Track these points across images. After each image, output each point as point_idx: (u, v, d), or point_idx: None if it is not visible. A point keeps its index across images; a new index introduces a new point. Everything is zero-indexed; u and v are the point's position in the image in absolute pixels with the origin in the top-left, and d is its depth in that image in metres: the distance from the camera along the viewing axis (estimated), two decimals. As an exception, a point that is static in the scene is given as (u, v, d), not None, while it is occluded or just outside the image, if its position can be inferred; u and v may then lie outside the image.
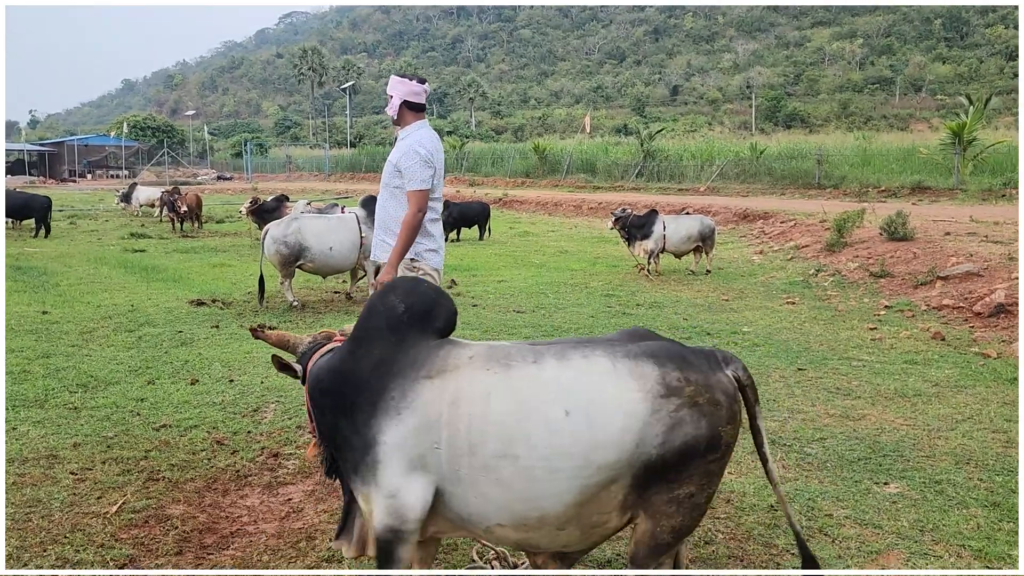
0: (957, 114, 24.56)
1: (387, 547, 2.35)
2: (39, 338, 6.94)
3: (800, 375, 5.97)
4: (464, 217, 16.71)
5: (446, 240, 4.67)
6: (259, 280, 8.52)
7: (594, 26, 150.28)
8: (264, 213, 13.73)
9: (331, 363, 2.55)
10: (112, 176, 59.92)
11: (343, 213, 9.78)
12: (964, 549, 3.27)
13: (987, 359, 6.34)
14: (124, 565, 3.13)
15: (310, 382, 2.60)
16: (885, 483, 3.95)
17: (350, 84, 75.22)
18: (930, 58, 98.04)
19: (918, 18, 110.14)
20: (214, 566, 3.15)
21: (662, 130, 39.90)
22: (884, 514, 3.60)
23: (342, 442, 2.45)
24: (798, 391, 5.55)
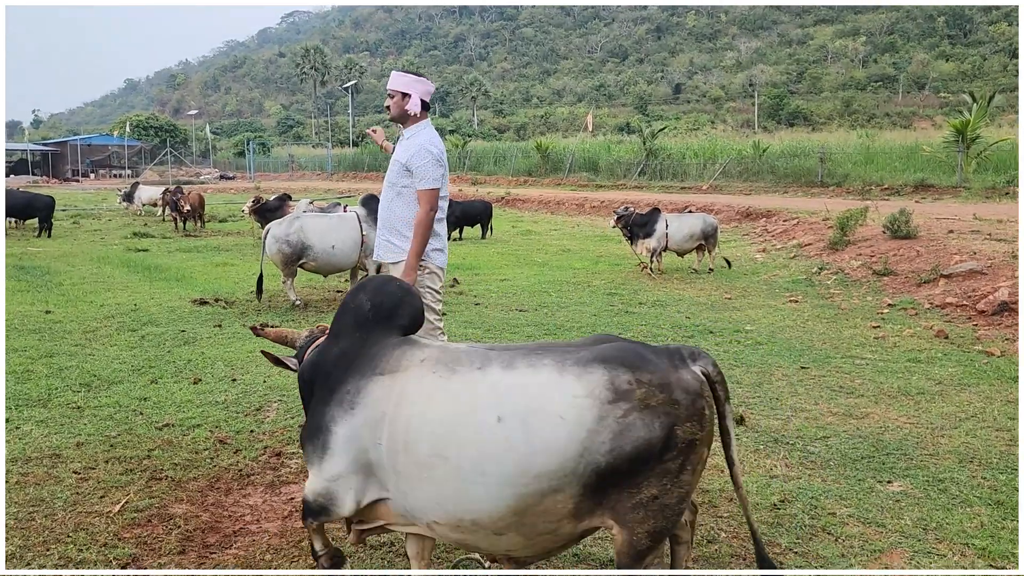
0: (960, 112, 24.54)
1: (312, 514, 2.60)
2: (42, 337, 6.95)
3: (803, 373, 5.97)
4: (467, 216, 16.71)
5: (448, 239, 4.69)
6: (258, 279, 8.51)
7: (596, 24, 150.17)
8: (267, 212, 13.74)
9: (311, 356, 2.74)
10: (115, 176, 60.04)
11: (345, 212, 9.78)
12: (968, 548, 3.26)
13: (991, 357, 6.32)
14: (127, 564, 3.13)
15: (299, 374, 2.77)
16: (888, 481, 3.94)
17: (352, 83, 75.28)
18: (933, 55, 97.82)
19: (921, 15, 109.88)
20: (217, 565, 3.15)
21: (664, 128, 39.88)
22: (887, 512, 3.59)
23: (307, 422, 2.64)
24: (801, 389, 5.54)
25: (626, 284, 10.45)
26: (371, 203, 8.79)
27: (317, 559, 2.86)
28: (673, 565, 2.70)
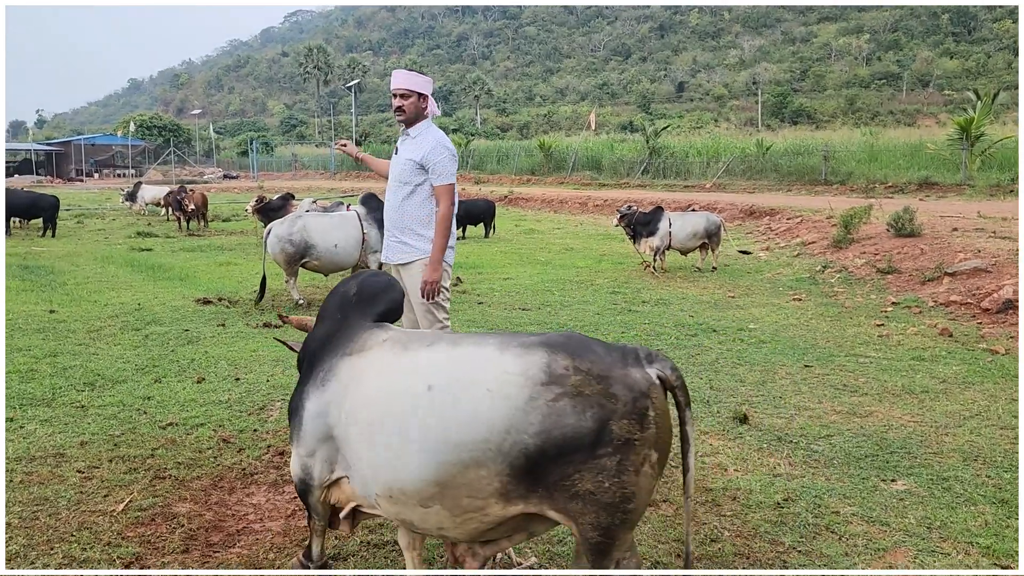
0: (965, 109, 24.47)
1: (300, 493, 2.73)
2: (46, 337, 6.96)
3: (807, 372, 5.96)
4: (470, 215, 16.71)
5: (453, 237, 4.69)
6: (262, 280, 8.48)
7: (599, 23, 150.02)
8: (270, 211, 13.76)
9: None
10: (119, 175, 60.10)
11: (348, 211, 9.79)
12: (972, 546, 3.25)
13: (995, 355, 6.30)
14: (130, 563, 3.14)
15: (298, 357, 2.92)
16: (892, 480, 3.93)
17: (355, 82, 75.22)
18: (937, 53, 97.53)
19: (925, 13, 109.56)
20: (220, 564, 3.15)
21: (668, 127, 39.84)
22: (891, 511, 3.58)
23: (291, 401, 2.76)
24: (805, 388, 5.53)
25: (629, 283, 10.44)
26: (371, 202, 8.83)
27: (308, 561, 2.94)
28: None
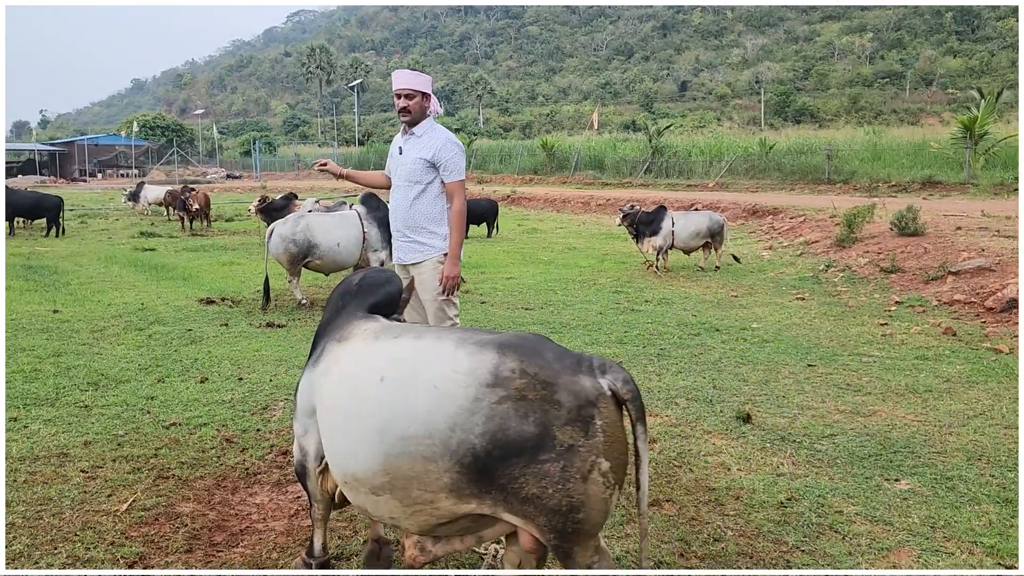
0: (968, 108, 24.42)
1: (299, 477, 2.81)
2: (50, 337, 6.98)
3: (810, 371, 5.95)
4: (472, 214, 16.65)
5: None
6: (264, 282, 8.45)
7: (602, 22, 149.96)
8: (273, 211, 13.76)
9: None
10: (122, 175, 60.18)
11: (351, 210, 9.82)
12: (976, 546, 3.24)
13: (999, 354, 6.29)
14: (134, 563, 3.14)
15: None
16: (896, 479, 3.93)
17: (358, 82, 75.32)
18: (941, 52, 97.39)
19: (928, 11, 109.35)
20: (223, 564, 3.15)
21: (670, 126, 39.79)
22: (895, 511, 3.58)
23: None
24: (808, 387, 5.52)
25: (632, 282, 10.43)
26: (371, 201, 8.88)
27: (310, 558, 2.96)
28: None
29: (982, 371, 5.86)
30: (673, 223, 11.25)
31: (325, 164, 4.69)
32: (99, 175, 61.91)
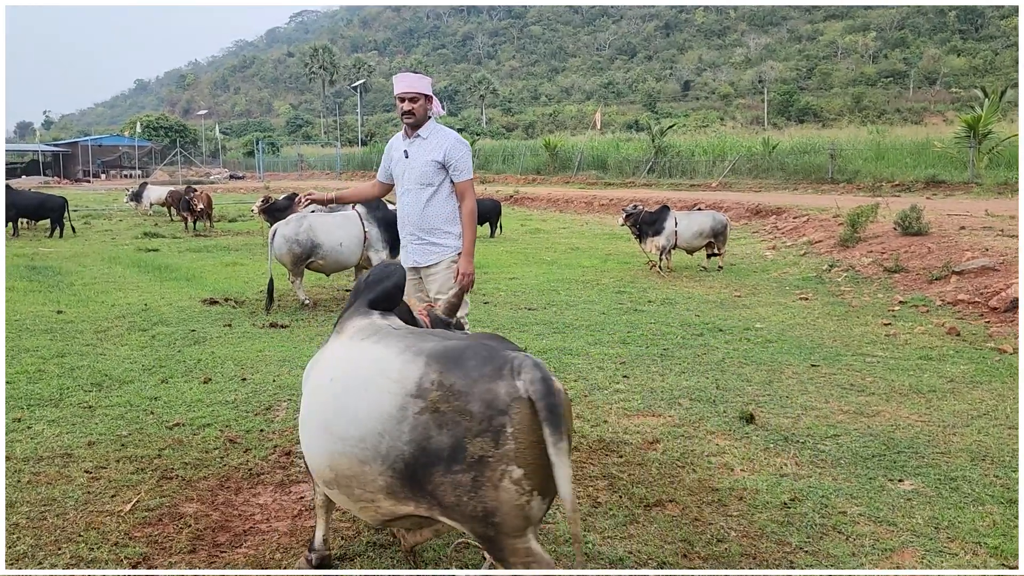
0: (972, 107, 24.37)
1: (307, 469, 2.83)
2: (54, 337, 6.99)
3: (813, 371, 5.94)
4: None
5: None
6: (269, 284, 8.41)
7: (604, 22, 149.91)
8: (276, 212, 13.75)
9: None
10: (125, 176, 60.30)
11: (352, 210, 9.84)
12: (980, 546, 3.23)
13: (1003, 354, 6.27)
14: (138, 563, 3.14)
15: None
16: (900, 480, 3.92)
17: (361, 82, 75.42)
18: (944, 51, 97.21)
19: (932, 10, 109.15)
20: (227, 564, 3.16)
21: (673, 126, 39.77)
22: (899, 511, 3.57)
23: None
24: (811, 387, 5.52)
25: (635, 282, 10.43)
26: (371, 201, 8.90)
27: (311, 552, 3.02)
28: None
29: (986, 371, 5.84)
30: (676, 223, 11.25)
31: (311, 195, 4.74)
32: (103, 176, 62.06)
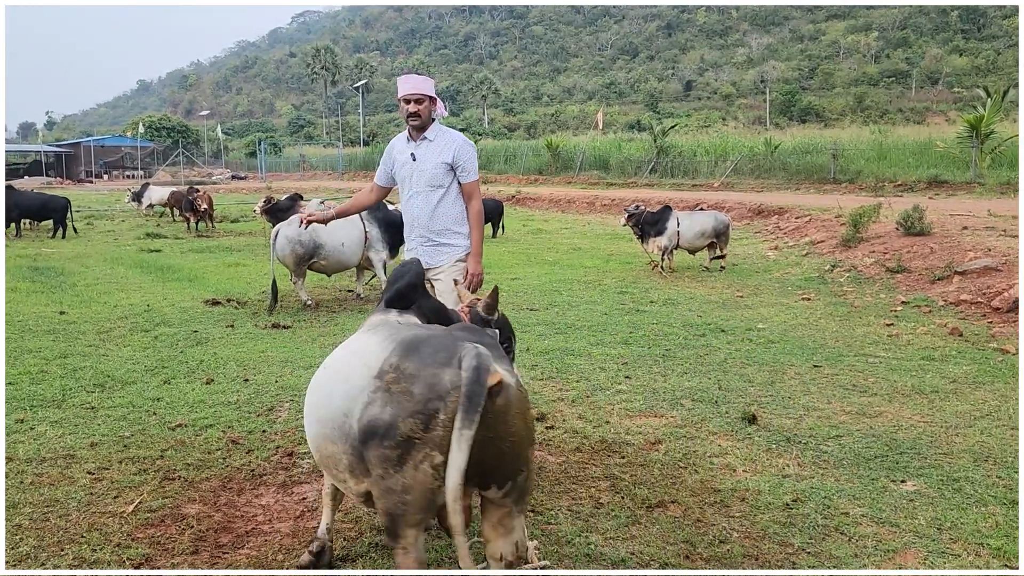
0: (974, 107, 24.33)
1: None
2: (57, 338, 7.00)
3: (816, 372, 5.93)
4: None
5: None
6: (272, 285, 8.44)
7: (606, 22, 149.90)
8: (278, 212, 13.76)
9: None
10: (128, 177, 60.40)
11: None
12: (983, 547, 3.23)
13: (1006, 355, 6.26)
14: (140, 564, 3.15)
15: None
16: (902, 481, 3.91)
17: (363, 83, 75.43)
18: (947, 50, 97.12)
19: (934, 10, 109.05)
20: (229, 566, 3.16)
21: (675, 126, 39.70)
22: (901, 512, 3.57)
23: None
24: (814, 388, 5.51)
25: (637, 282, 10.42)
26: None
27: (312, 542, 3.11)
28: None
29: (988, 372, 5.83)
30: (678, 223, 11.24)
31: (311, 216, 4.81)
32: (105, 176, 62.14)
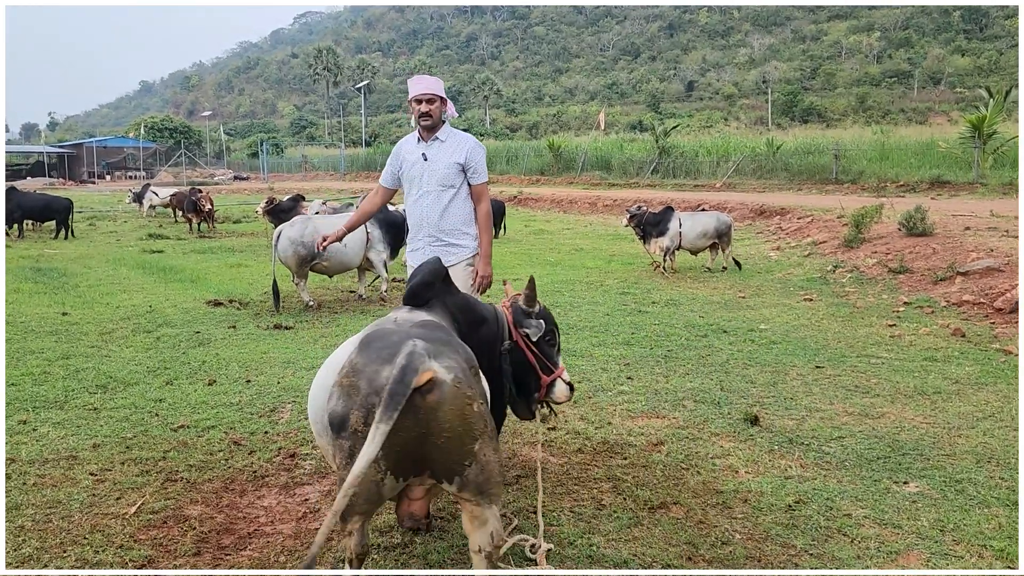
0: (977, 107, 24.29)
1: None
2: (59, 339, 7.01)
3: (818, 373, 5.93)
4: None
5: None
6: (273, 285, 8.49)
7: (608, 22, 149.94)
8: (280, 213, 13.78)
9: None
10: (130, 177, 60.49)
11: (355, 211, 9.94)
12: (986, 549, 3.22)
13: (1008, 356, 6.25)
14: (143, 566, 3.15)
15: None
16: (905, 482, 3.91)
17: (365, 83, 75.43)
18: (949, 50, 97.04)
19: (936, 10, 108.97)
20: (232, 567, 3.16)
21: (677, 126, 39.72)
22: (904, 514, 3.56)
23: None
24: (816, 389, 5.50)
25: (639, 283, 10.42)
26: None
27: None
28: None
29: (991, 372, 5.82)
30: (680, 224, 11.23)
31: (326, 240, 4.84)
32: (107, 177, 62.23)
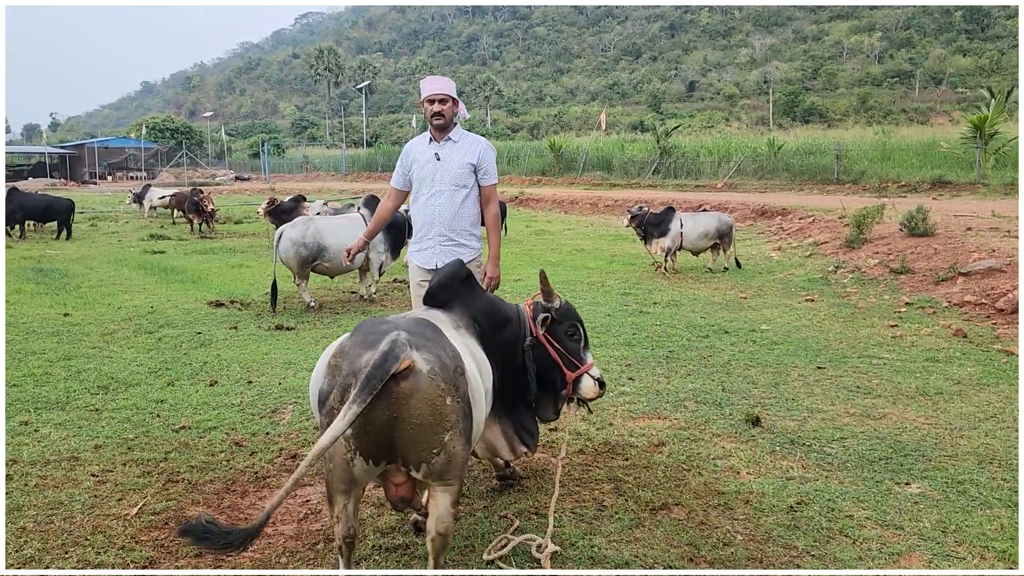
0: (978, 107, 24.26)
1: None
2: (61, 340, 7.02)
3: (819, 373, 5.92)
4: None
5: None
6: (272, 285, 8.52)
7: (609, 22, 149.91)
8: (282, 213, 13.80)
9: None
10: (131, 178, 60.50)
11: (356, 212, 9.92)
12: (988, 550, 3.22)
13: (1010, 356, 6.25)
14: (145, 567, 3.15)
15: None
16: (907, 483, 3.91)
17: (366, 84, 75.51)
18: (950, 51, 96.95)
19: (938, 10, 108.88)
20: (233, 568, 3.16)
21: (678, 126, 39.70)
22: (906, 515, 3.56)
23: None
24: (817, 390, 5.50)
25: (640, 284, 10.41)
26: (373, 203, 9.07)
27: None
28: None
29: (993, 373, 5.82)
30: (681, 224, 11.22)
31: (350, 251, 4.94)
32: (109, 178, 62.25)
